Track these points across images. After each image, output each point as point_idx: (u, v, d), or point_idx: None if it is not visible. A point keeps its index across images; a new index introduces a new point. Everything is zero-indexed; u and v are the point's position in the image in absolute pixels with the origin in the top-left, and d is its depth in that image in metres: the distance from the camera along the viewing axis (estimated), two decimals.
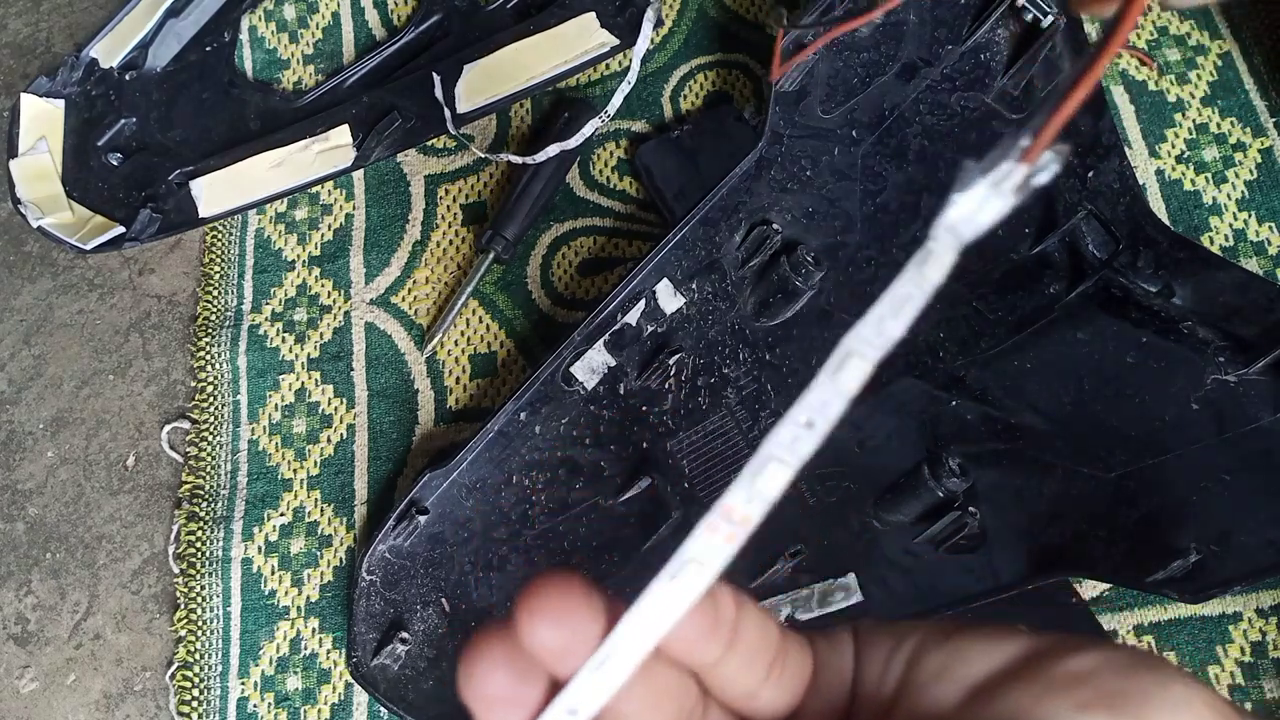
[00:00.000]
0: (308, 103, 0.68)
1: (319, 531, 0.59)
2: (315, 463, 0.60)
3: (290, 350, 0.63)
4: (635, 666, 0.16)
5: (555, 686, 0.16)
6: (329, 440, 0.61)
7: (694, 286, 0.54)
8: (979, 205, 0.16)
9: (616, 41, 0.62)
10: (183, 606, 0.58)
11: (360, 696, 0.55)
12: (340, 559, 0.58)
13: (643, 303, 0.53)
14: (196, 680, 0.56)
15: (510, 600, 0.53)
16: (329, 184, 0.66)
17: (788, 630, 0.19)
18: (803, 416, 0.16)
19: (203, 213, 0.64)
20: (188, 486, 0.61)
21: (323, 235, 0.66)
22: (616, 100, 0.62)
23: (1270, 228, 0.57)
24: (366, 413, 0.61)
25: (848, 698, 0.19)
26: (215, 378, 0.63)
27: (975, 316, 0.54)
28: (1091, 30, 0.62)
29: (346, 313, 0.64)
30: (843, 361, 0.16)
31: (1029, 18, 0.51)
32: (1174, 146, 0.59)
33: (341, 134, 0.64)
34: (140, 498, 0.62)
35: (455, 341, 0.62)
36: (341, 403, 0.61)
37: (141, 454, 0.63)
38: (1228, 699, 0.17)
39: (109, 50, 0.68)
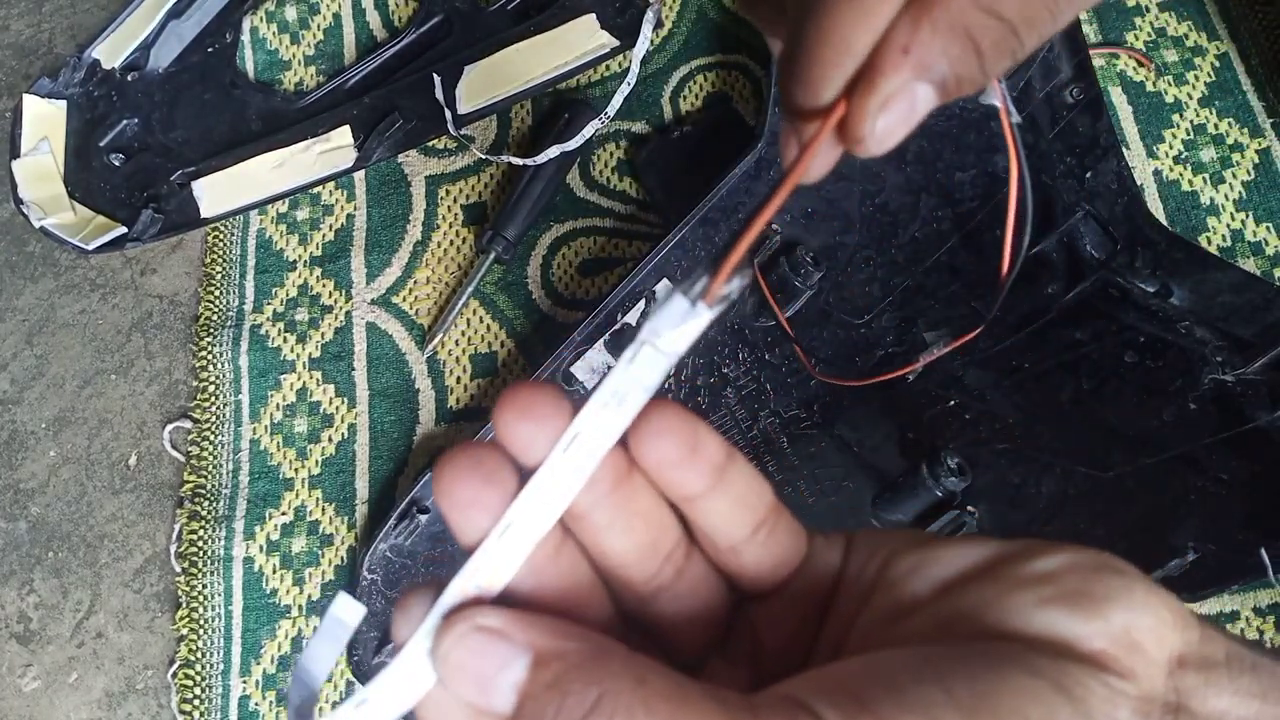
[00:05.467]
0: (309, 103, 0.68)
1: (320, 530, 0.59)
2: (316, 462, 0.60)
3: (292, 350, 0.63)
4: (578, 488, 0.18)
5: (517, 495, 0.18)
6: (330, 440, 0.61)
7: None
8: (679, 320, 0.18)
9: (616, 43, 0.62)
10: (184, 605, 0.58)
11: None
12: (341, 558, 0.58)
13: (643, 303, 0.53)
14: (198, 678, 0.57)
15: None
16: (330, 184, 0.66)
17: (784, 507, 0.20)
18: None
19: (204, 213, 0.64)
20: (189, 486, 0.61)
21: (324, 235, 0.66)
22: (616, 101, 0.62)
23: (1267, 228, 0.57)
24: (368, 412, 0.61)
25: (832, 589, 0.20)
26: (217, 377, 0.63)
27: (975, 316, 0.55)
28: (1089, 31, 0.62)
29: (348, 313, 0.64)
30: (570, 441, 0.18)
31: None
32: (1172, 147, 0.59)
33: (343, 135, 0.64)
34: (142, 497, 0.62)
35: (456, 341, 0.62)
36: (343, 402, 0.62)
37: (143, 453, 0.63)
38: (1190, 610, 0.17)
39: (111, 51, 0.68)
